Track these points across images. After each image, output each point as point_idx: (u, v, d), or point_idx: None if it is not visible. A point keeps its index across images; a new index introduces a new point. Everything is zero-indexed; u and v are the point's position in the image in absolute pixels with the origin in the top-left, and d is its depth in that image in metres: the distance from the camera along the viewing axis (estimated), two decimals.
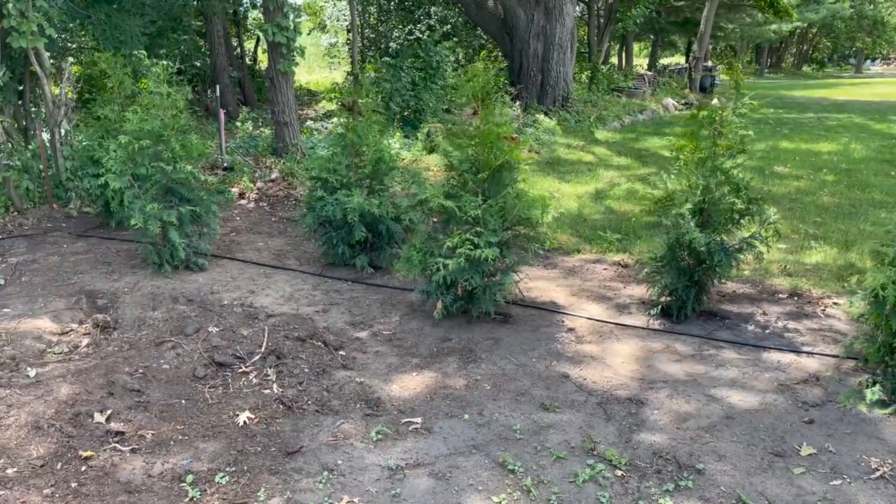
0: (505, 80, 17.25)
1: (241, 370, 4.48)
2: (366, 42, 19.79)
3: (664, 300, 5.46)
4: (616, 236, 7.33)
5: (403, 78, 13.61)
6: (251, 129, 12.18)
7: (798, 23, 38.55)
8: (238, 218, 7.99)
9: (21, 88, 10.34)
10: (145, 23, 10.56)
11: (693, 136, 5.28)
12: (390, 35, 20.18)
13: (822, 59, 51.60)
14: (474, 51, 19.70)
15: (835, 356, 4.71)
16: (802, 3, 37.53)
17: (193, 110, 6.63)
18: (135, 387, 4.16)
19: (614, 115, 16.99)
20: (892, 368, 4.14)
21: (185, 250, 6.05)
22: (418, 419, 3.95)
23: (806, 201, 9.06)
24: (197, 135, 6.16)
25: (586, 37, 23.01)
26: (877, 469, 3.50)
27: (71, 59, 8.55)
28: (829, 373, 4.50)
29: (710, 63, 26.47)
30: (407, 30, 19.87)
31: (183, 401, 4.10)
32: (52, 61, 7.94)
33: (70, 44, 11.39)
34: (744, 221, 5.31)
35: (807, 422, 3.92)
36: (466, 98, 5.11)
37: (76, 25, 10.33)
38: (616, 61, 29.05)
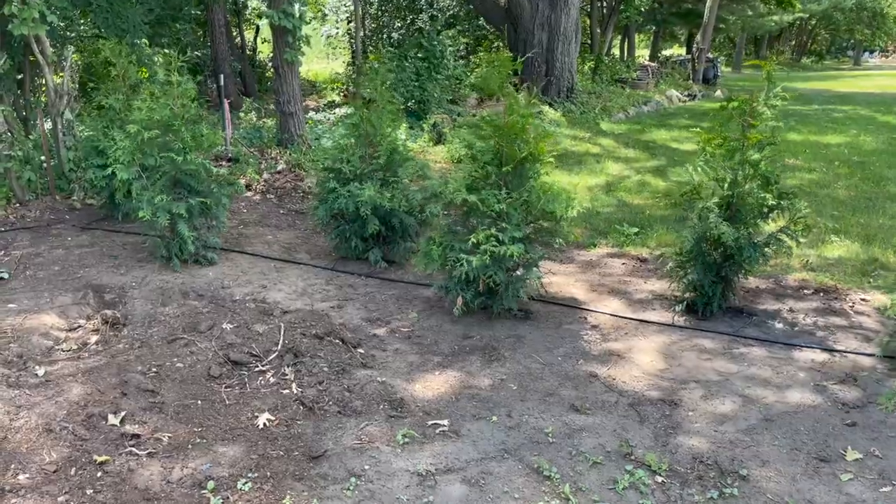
0: (508, 71, 17.14)
1: (258, 369, 4.32)
2: (366, 32, 19.55)
3: (689, 296, 5.32)
4: (633, 230, 7.17)
5: (408, 68, 13.39)
6: (254, 120, 11.97)
7: (800, 13, 38.36)
8: (245, 210, 7.81)
9: (20, 77, 10.14)
10: (144, 11, 10.32)
11: (722, 127, 5.12)
12: (392, 25, 19.93)
13: (821, 51, 51.37)
14: (476, 41, 19.46)
15: (870, 355, 4.57)
16: None
17: (202, 100, 6.41)
18: (149, 387, 3.99)
19: (619, 107, 16.79)
20: None
21: (195, 244, 5.87)
22: (445, 421, 3.80)
23: (821, 194, 8.92)
24: (207, 125, 5.96)
25: (588, 27, 22.79)
26: None
27: (71, 48, 8.30)
28: (866, 372, 4.36)
29: (711, 55, 26.24)
30: (409, 20, 19.63)
31: (199, 401, 3.95)
32: (52, 50, 7.72)
33: (69, 32, 11.14)
34: (772, 216, 5.17)
35: (849, 424, 3.78)
36: (493, 87, 4.94)
37: (76, 13, 10.08)
38: (618, 52, 28.80)
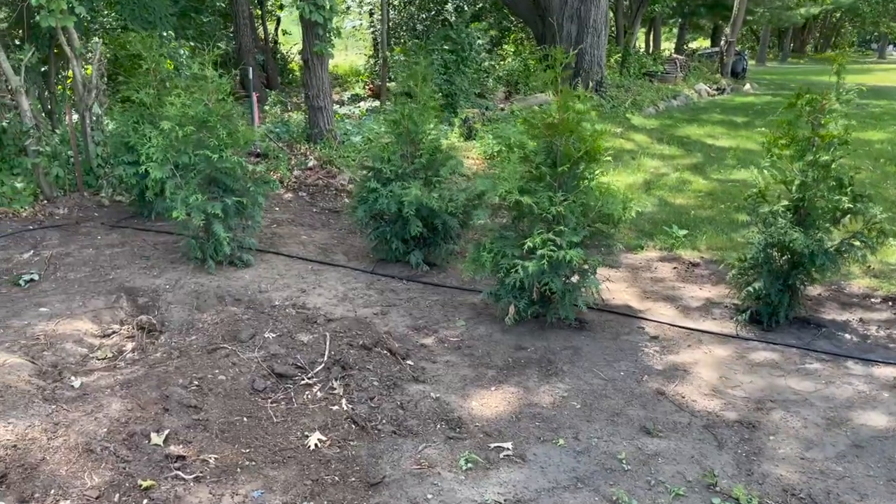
0: (536, 64, 16.78)
1: (304, 382, 4.08)
2: (390, 24, 19.25)
3: (753, 305, 5.02)
4: (682, 232, 6.86)
5: (435, 61, 13.08)
6: (280, 113, 11.73)
7: (828, 5, 37.57)
8: (277, 208, 7.57)
9: (44, 70, 9.95)
10: (170, 2, 10.11)
11: (789, 126, 4.81)
12: (417, 16, 19.61)
13: (845, 45, 50.42)
14: (502, 33, 19.09)
15: None
16: None
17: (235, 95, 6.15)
18: (191, 402, 3.76)
19: (649, 101, 16.40)
20: None
21: (230, 245, 5.64)
22: (508, 444, 3.54)
23: (872, 194, 8.53)
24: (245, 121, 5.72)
25: (612, 19, 22.33)
26: None
27: (98, 40, 8.10)
28: None
29: (737, 48, 25.70)
30: (434, 11, 19.30)
31: (245, 418, 3.71)
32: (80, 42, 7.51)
33: (92, 24, 10.96)
34: (845, 220, 4.86)
35: None
36: (543, 84, 4.66)
37: (101, 4, 9.87)
38: (641, 45, 28.30)
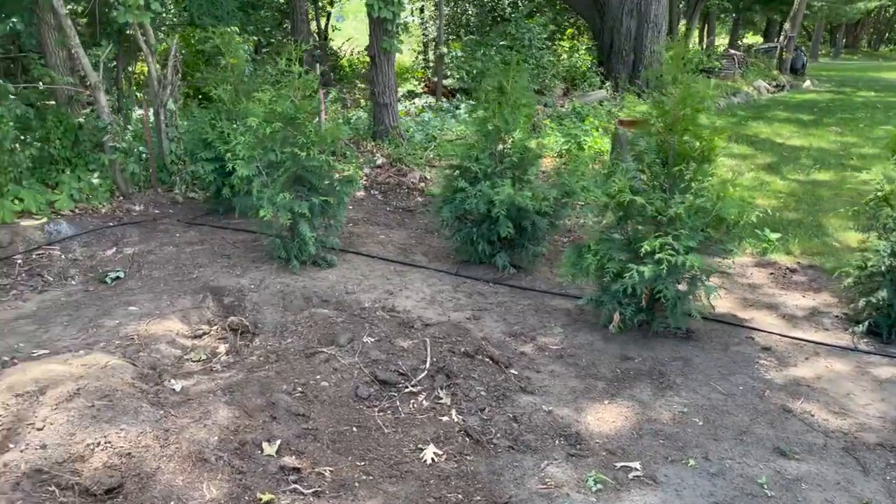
0: (593, 60, 16.45)
1: (408, 390, 3.92)
2: (444, 18, 19.04)
3: (871, 316, 4.72)
4: (774, 235, 6.55)
5: (495, 57, 12.86)
6: (341, 110, 11.63)
7: (886, 0, 36.31)
8: (351, 207, 7.44)
9: (114, 66, 10.01)
10: None
11: None
12: (470, 12, 19.38)
13: None
14: (558, 28, 18.76)
15: None
16: None
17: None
18: (298, 410, 3.63)
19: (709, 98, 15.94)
20: None
21: (315, 244, 5.52)
22: (636, 464, 3.33)
23: None
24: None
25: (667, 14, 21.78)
26: None
27: (175, 37, 8.07)
28: None
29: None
30: (489, 6, 19.04)
31: (354, 428, 3.57)
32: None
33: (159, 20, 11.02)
34: None
35: None
36: (671, 77, 4.46)
37: (172, 0, 9.89)
38: (696, 40, 27.66)
